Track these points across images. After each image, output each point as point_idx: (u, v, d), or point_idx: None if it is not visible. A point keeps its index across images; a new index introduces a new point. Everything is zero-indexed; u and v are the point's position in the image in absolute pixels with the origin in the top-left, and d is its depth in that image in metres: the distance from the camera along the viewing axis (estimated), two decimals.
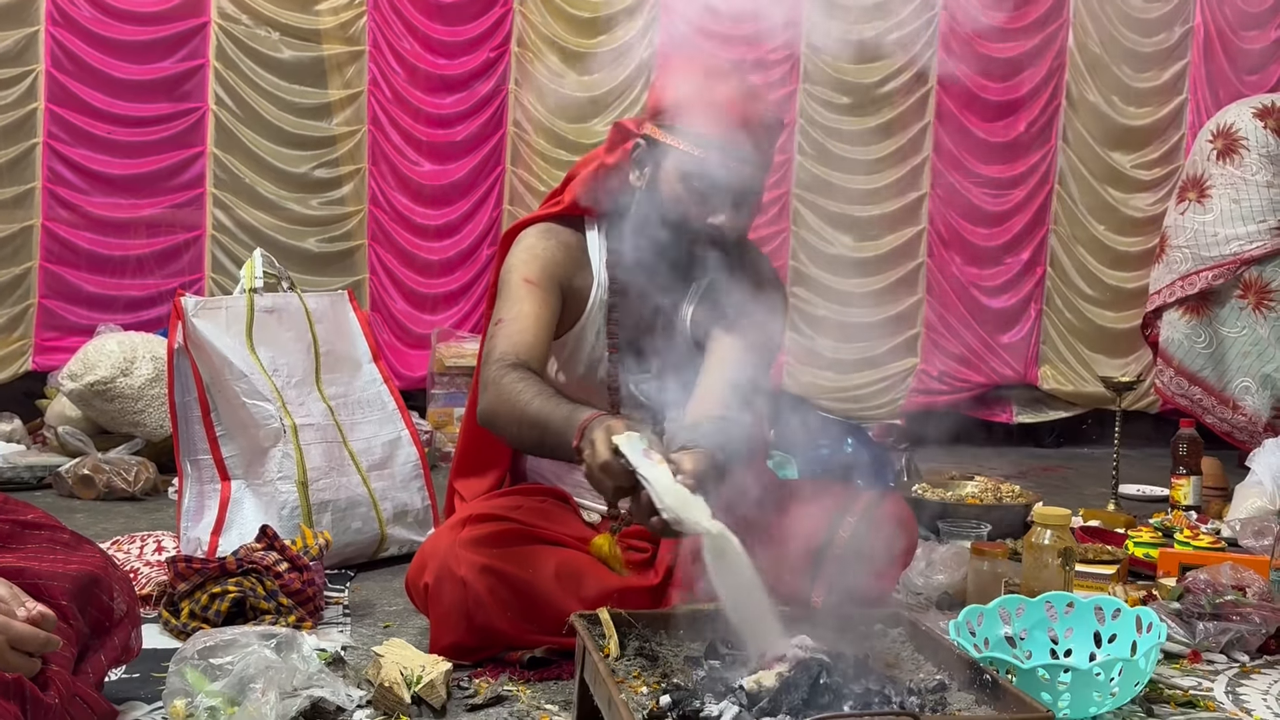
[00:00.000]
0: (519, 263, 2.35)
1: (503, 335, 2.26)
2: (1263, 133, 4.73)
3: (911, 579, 2.84)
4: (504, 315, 2.29)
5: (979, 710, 1.66)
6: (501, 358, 2.21)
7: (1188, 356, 4.81)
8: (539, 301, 2.30)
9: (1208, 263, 4.73)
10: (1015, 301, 5.74)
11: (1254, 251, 4.65)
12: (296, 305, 3.15)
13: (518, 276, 2.33)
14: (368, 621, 2.59)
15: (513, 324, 2.27)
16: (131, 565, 2.74)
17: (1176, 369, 4.85)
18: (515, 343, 2.23)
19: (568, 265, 2.38)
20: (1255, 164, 4.69)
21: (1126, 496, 4.24)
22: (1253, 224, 4.66)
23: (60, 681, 1.67)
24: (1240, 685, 2.30)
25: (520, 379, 2.15)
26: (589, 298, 2.40)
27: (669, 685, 1.72)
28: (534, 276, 2.32)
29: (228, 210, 5.22)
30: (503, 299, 2.33)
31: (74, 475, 3.84)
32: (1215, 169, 4.78)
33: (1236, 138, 4.73)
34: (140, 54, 5.13)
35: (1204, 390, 4.79)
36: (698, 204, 2.24)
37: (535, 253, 2.36)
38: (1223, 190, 4.73)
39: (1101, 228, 5.72)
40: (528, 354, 2.22)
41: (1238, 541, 3.36)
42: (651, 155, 2.30)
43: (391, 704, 2.00)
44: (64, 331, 5.06)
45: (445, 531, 2.32)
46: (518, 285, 2.31)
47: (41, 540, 1.84)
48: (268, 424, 2.94)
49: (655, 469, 1.86)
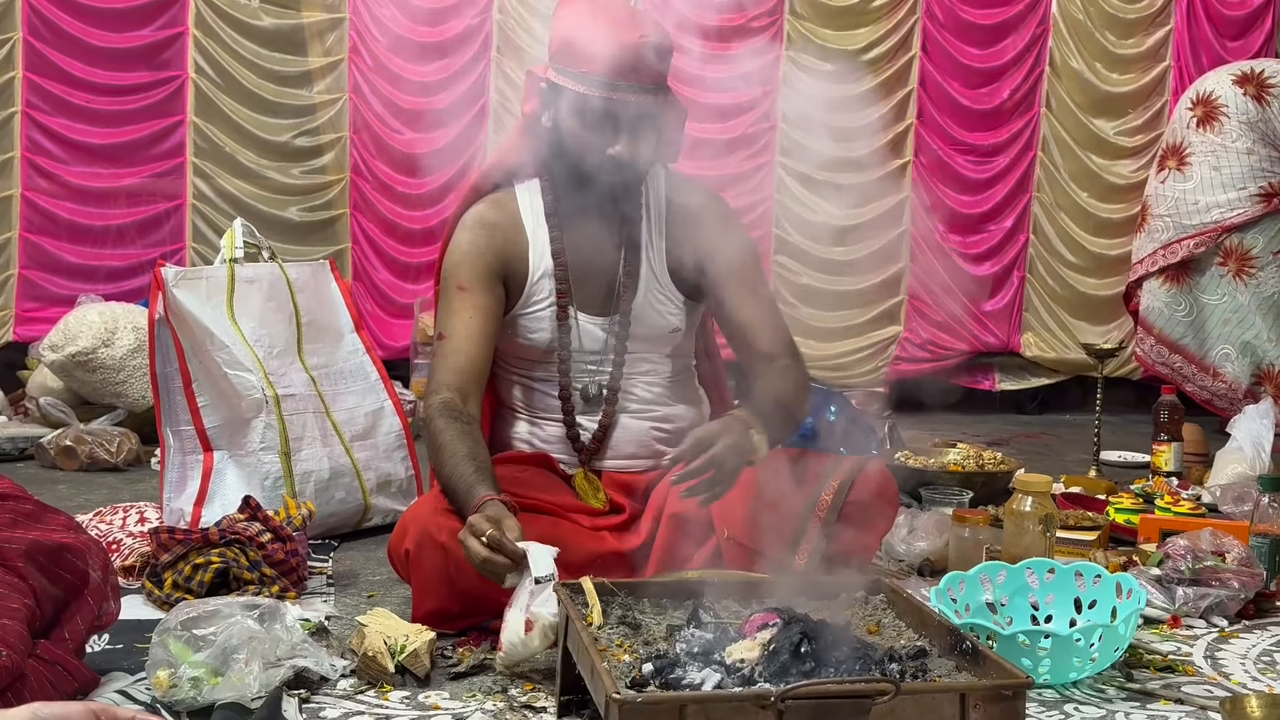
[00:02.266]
0: (453, 266, 2.45)
1: (441, 360, 2.39)
2: (1242, 99, 4.73)
3: (893, 546, 2.85)
4: (445, 330, 2.41)
5: (959, 676, 1.67)
6: (435, 389, 2.34)
7: (1168, 325, 4.83)
8: (475, 308, 2.40)
9: (1189, 231, 4.73)
10: (998, 269, 5.74)
11: (1235, 219, 4.65)
12: (278, 275, 3.14)
13: (453, 284, 2.43)
14: (351, 591, 2.59)
15: (450, 344, 2.38)
16: (114, 536, 2.74)
17: (1157, 337, 4.86)
18: (453, 369, 2.36)
19: (501, 244, 2.46)
20: (1235, 131, 4.68)
21: (1108, 463, 4.26)
22: (1233, 191, 4.67)
23: (14, 636, 1.67)
24: (1219, 650, 2.32)
25: (443, 429, 2.26)
26: (529, 264, 2.46)
27: (652, 653, 1.72)
28: (465, 280, 2.42)
29: (208, 179, 5.18)
30: (442, 309, 2.44)
31: (56, 446, 3.83)
32: (1195, 136, 4.78)
33: (1216, 105, 4.73)
34: (119, 22, 5.08)
35: (1184, 358, 4.80)
36: (595, 138, 2.33)
37: (464, 250, 2.45)
38: (1202, 158, 4.73)
39: (1084, 194, 5.72)
40: (465, 381, 2.35)
41: (1218, 507, 3.38)
42: (552, 97, 2.38)
43: (375, 674, 2.00)
44: (45, 302, 5.03)
45: (427, 499, 2.35)
46: (454, 294, 2.42)
47: (4, 511, 1.84)
48: (250, 394, 2.93)
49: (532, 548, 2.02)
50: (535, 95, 2.43)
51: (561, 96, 2.35)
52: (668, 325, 2.51)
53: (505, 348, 2.52)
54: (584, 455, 2.49)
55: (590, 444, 2.49)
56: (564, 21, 2.37)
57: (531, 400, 2.53)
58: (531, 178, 2.51)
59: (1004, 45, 5.65)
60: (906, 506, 2.99)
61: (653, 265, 2.49)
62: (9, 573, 1.75)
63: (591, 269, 2.46)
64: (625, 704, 1.50)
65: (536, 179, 2.50)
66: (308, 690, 1.96)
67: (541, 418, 2.52)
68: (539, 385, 2.51)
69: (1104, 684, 2.09)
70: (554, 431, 2.51)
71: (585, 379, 2.49)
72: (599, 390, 2.48)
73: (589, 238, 2.46)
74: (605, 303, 2.49)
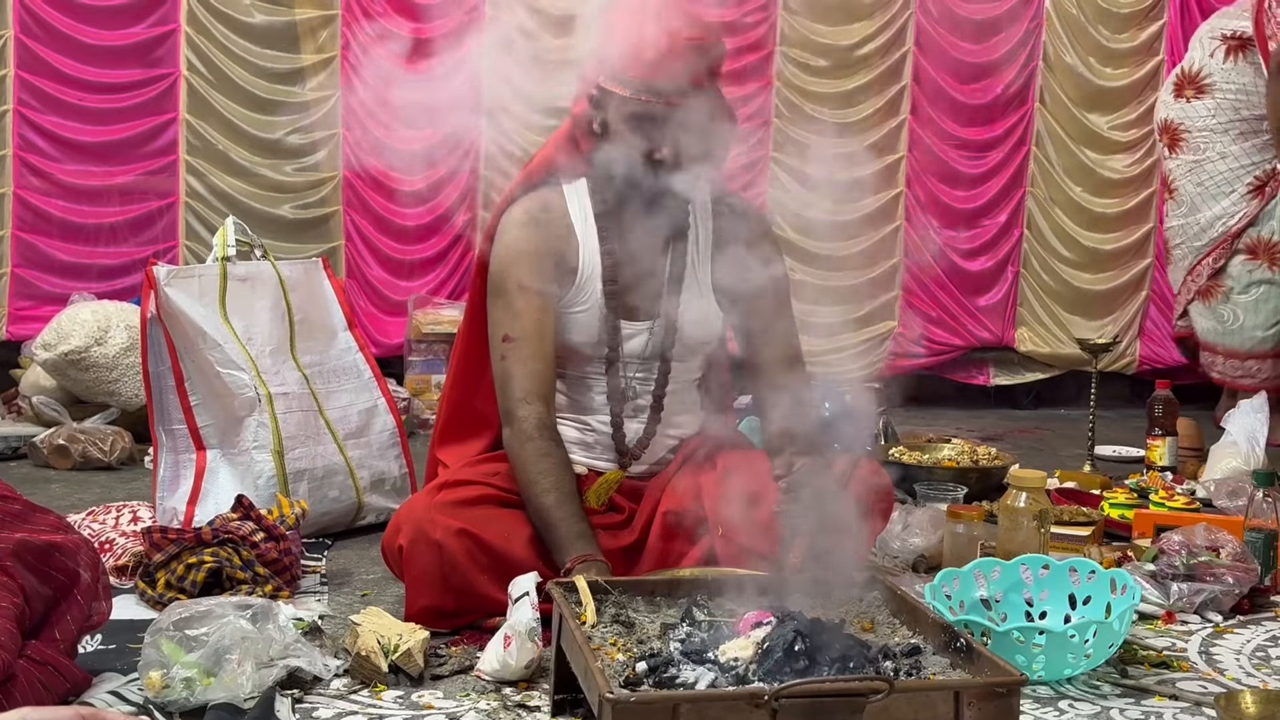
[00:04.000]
0: (510, 262, 2.41)
1: (520, 365, 2.36)
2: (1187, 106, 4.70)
3: (887, 542, 2.85)
4: (514, 332, 2.37)
5: (954, 674, 1.67)
6: (525, 399, 2.33)
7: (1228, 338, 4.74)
8: (540, 307, 2.38)
9: (1202, 251, 4.70)
10: (992, 264, 5.73)
11: (1238, 224, 4.61)
12: (270, 273, 3.13)
13: (513, 282, 2.39)
14: (345, 590, 2.59)
15: (525, 347, 2.36)
16: (107, 535, 2.73)
17: (1225, 354, 4.78)
18: (534, 374, 2.35)
19: (552, 241, 2.43)
20: (1201, 143, 4.65)
21: (1102, 458, 4.26)
22: (1225, 199, 4.63)
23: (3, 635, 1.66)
24: (1214, 645, 2.32)
25: (542, 455, 2.29)
26: (578, 264, 2.44)
27: (645, 652, 1.72)
28: (525, 278, 2.39)
29: (201, 177, 5.17)
30: (503, 310, 2.40)
31: (49, 445, 3.82)
32: (1172, 163, 4.77)
33: (1176, 127, 4.71)
34: (111, 19, 5.06)
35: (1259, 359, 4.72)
36: (644, 140, 2.31)
37: (520, 248, 2.42)
38: (1184, 181, 4.70)
39: (1078, 189, 5.71)
40: (546, 388, 2.36)
41: (1212, 502, 3.38)
42: (601, 104, 2.37)
43: (369, 673, 2.00)
44: (37, 300, 5.02)
45: (421, 496, 2.36)
46: (515, 294, 2.39)
47: None
48: (242, 393, 2.93)
49: None
50: (583, 98, 2.42)
51: (612, 100, 2.33)
52: (708, 335, 2.52)
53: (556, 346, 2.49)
54: (626, 457, 2.48)
55: (634, 447, 2.48)
56: (613, 25, 2.36)
57: (575, 399, 2.50)
58: (578, 178, 2.48)
59: (997, 40, 5.64)
60: (901, 503, 2.99)
61: (697, 274, 2.50)
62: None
63: (638, 272, 2.45)
64: (619, 703, 1.49)
65: (583, 179, 2.48)
66: (301, 690, 1.96)
67: (585, 417, 2.49)
68: (583, 385, 2.49)
69: (1099, 680, 2.09)
70: (599, 431, 2.48)
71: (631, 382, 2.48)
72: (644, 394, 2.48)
73: (636, 241, 2.44)
74: (650, 307, 2.47)
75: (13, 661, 1.69)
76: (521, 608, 2.01)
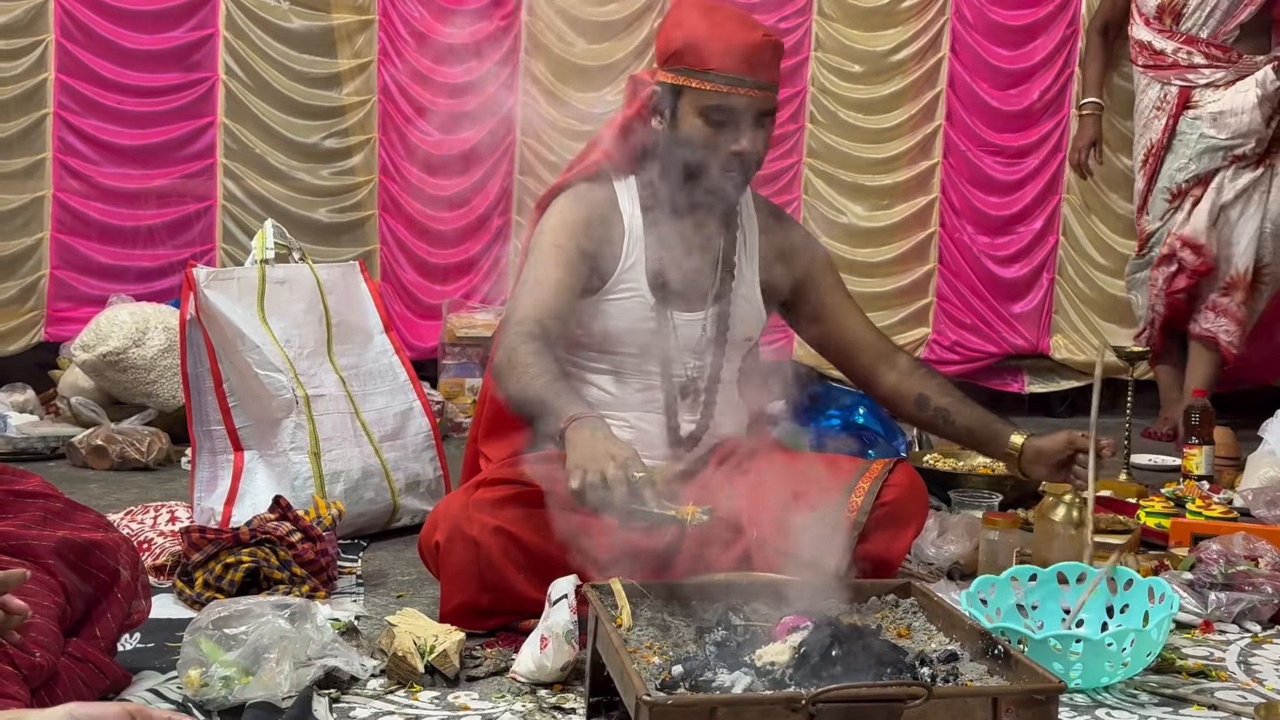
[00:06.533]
0: (549, 228, 2.46)
1: (526, 295, 2.37)
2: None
3: (923, 549, 2.84)
4: (530, 277, 2.40)
5: (991, 680, 1.67)
6: (521, 322, 2.30)
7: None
8: (565, 267, 2.40)
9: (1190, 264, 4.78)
10: (1027, 271, 5.70)
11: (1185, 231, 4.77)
12: (308, 276, 3.15)
13: (548, 241, 2.43)
14: (381, 591, 2.60)
15: (538, 287, 2.37)
16: (145, 535, 2.76)
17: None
18: (537, 304, 2.34)
19: (598, 226, 2.47)
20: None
21: (1138, 466, 4.23)
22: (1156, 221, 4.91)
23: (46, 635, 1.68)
24: (1252, 655, 2.30)
25: (533, 352, 2.22)
26: (622, 251, 2.47)
27: (681, 655, 1.72)
28: (562, 241, 2.42)
29: (238, 180, 5.21)
30: (531, 261, 2.44)
31: (87, 445, 3.85)
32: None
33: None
34: (150, 23, 5.11)
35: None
36: (718, 133, 2.37)
37: (565, 218, 2.46)
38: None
39: (1115, 196, 5.67)
40: (547, 317, 2.33)
41: (1250, 511, 3.35)
42: (667, 99, 2.41)
43: (405, 673, 2.01)
44: (76, 302, 5.06)
45: (458, 494, 2.37)
46: (547, 249, 2.42)
47: (35, 509, 1.85)
48: (280, 395, 2.94)
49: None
50: (640, 99, 2.46)
51: (682, 97, 2.38)
52: (753, 330, 2.58)
53: (596, 334, 2.49)
54: (681, 450, 2.48)
55: (688, 440, 2.49)
56: (682, 24, 2.41)
57: (624, 392, 2.49)
58: (628, 172, 2.52)
59: (1033, 46, 5.61)
60: (936, 509, 2.98)
61: (744, 272, 2.53)
62: (39, 570, 1.76)
63: (685, 267, 2.47)
64: (655, 706, 1.49)
65: (633, 176, 2.51)
66: (338, 690, 1.97)
67: (630, 414, 2.47)
68: (631, 379, 2.49)
69: (1136, 689, 2.08)
70: (641, 429, 2.47)
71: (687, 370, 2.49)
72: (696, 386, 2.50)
73: (685, 237, 2.47)
74: (700, 298, 2.50)
75: (55, 661, 1.71)
76: (560, 609, 2.02)
